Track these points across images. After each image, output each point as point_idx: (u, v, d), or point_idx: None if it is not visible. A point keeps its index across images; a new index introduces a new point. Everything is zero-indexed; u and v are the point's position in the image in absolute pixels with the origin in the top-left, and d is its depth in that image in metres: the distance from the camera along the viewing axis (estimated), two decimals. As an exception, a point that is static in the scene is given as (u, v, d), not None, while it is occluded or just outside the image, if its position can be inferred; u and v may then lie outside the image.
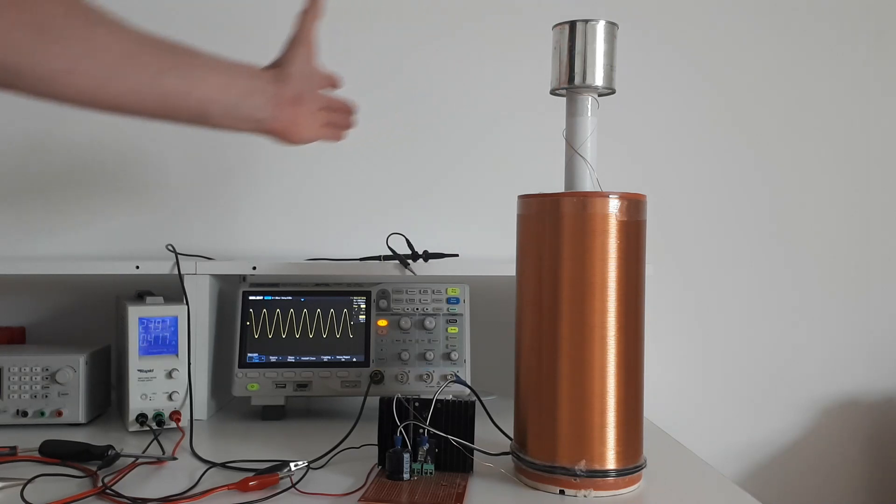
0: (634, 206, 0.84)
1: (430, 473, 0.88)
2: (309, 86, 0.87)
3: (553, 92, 0.90)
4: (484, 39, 1.42)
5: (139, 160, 1.39)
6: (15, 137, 1.38)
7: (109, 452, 0.90)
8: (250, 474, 0.85)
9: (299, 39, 0.87)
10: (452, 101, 1.42)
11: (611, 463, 0.83)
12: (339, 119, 0.94)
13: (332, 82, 0.94)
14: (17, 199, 1.38)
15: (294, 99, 0.85)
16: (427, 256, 1.18)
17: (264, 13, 1.40)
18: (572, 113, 0.87)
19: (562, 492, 0.83)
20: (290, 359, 1.15)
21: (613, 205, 0.82)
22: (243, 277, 1.24)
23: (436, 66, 1.42)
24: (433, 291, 1.17)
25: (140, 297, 1.13)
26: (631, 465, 0.84)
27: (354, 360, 1.15)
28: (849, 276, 1.48)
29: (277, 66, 0.85)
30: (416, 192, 1.42)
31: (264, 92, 0.82)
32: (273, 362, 1.14)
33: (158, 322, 1.07)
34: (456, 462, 0.89)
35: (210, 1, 1.39)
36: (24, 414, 1.07)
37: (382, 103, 1.41)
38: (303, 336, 1.15)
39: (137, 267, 1.15)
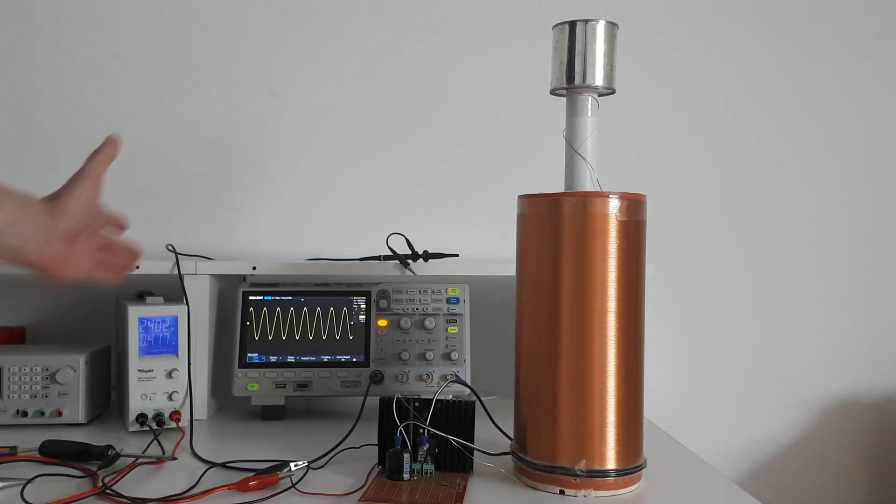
0: (634, 206, 0.84)
1: (430, 473, 0.88)
2: (87, 224, 0.84)
3: (553, 92, 0.90)
4: (484, 39, 1.42)
5: (139, 160, 1.39)
6: (14, 138, 1.38)
7: (109, 452, 0.90)
8: (250, 474, 0.85)
9: (85, 176, 0.84)
10: (452, 101, 1.42)
11: (611, 463, 0.83)
12: (118, 261, 0.91)
13: (118, 223, 0.91)
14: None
15: (67, 235, 0.81)
16: (427, 256, 1.18)
17: (260, 13, 1.40)
18: (572, 113, 0.87)
19: (562, 492, 0.83)
20: (290, 359, 1.15)
21: (613, 205, 0.82)
22: (243, 277, 1.24)
23: (436, 67, 1.42)
24: (433, 291, 1.17)
25: (140, 297, 1.13)
26: (631, 465, 0.84)
27: (354, 360, 1.15)
28: (849, 275, 1.48)
29: (56, 198, 0.82)
30: (417, 192, 1.42)
31: (34, 222, 0.78)
32: (273, 362, 1.14)
33: (158, 322, 1.07)
34: (456, 462, 0.89)
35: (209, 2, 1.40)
36: (24, 414, 1.07)
37: (382, 103, 1.41)
38: (303, 336, 1.15)
39: (137, 267, 1.15)
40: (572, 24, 0.85)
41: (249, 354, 1.14)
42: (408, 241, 1.20)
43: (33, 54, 1.38)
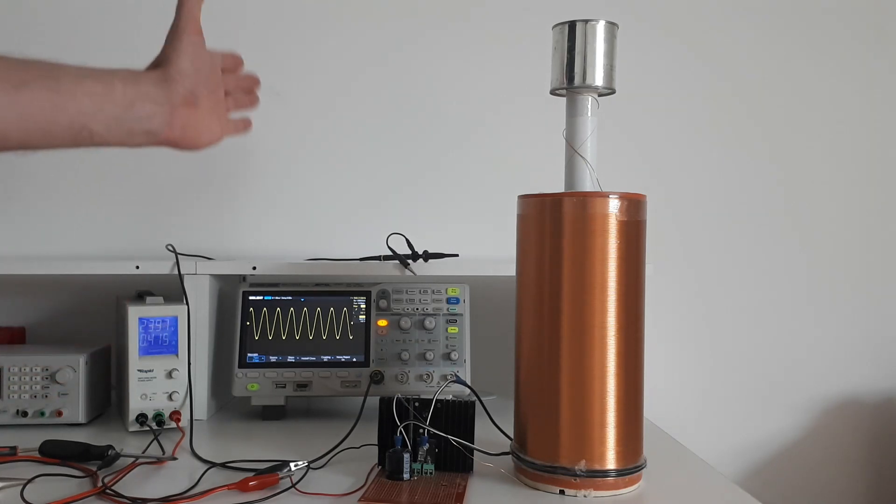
0: (634, 206, 0.84)
1: (430, 473, 0.88)
2: (205, 78, 0.75)
3: (553, 92, 0.90)
4: (485, 38, 1.42)
5: (139, 160, 1.39)
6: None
7: (109, 452, 0.90)
8: (250, 474, 0.85)
9: (184, 28, 0.74)
10: (452, 101, 1.42)
11: (611, 463, 0.83)
12: (243, 101, 0.83)
13: (234, 63, 0.82)
14: (18, 199, 1.38)
15: (188, 98, 0.72)
16: (427, 256, 1.18)
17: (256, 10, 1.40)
18: (572, 113, 0.87)
19: (562, 492, 0.83)
20: (290, 359, 1.15)
21: (613, 205, 0.82)
22: (243, 277, 1.24)
23: (437, 66, 1.42)
24: (433, 291, 1.17)
25: (140, 297, 1.13)
26: (631, 465, 0.84)
27: (354, 360, 1.15)
28: (849, 276, 1.48)
29: (162, 64, 0.73)
30: (417, 191, 1.42)
31: (152, 97, 0.70)
32: (273, 362, 1.14)
33: (158, 322, 1.07)
34: (456, 462, 0.89)
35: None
36: (24, 414, 1.07)
37: (382, 102, 1.41)
38: (303, 336, 1.15)
39: (137, 267, 1.15)
40: (572, 24, 0.85)
41: (249, 354, 1.14)
42: (408, 241, 1.20)
43: (30, 54, 1.37)
